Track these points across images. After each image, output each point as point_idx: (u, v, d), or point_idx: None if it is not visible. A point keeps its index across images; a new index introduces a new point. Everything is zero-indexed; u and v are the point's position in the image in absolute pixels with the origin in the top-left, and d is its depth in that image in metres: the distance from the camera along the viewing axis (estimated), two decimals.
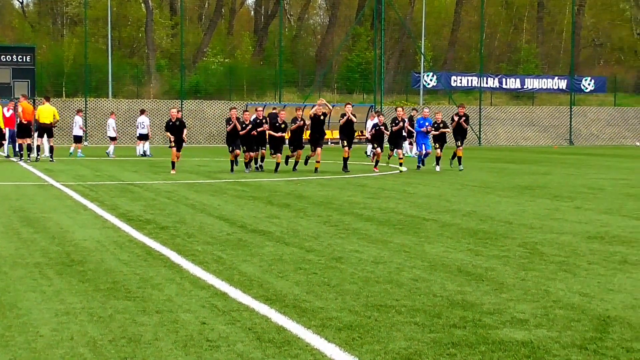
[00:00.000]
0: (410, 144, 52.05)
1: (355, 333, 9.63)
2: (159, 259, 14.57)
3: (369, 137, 43.10)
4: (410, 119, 45.10)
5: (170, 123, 36.43)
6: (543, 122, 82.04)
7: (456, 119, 40.65)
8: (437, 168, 38.82)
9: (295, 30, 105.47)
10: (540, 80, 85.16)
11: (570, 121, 79.40)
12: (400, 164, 38.89)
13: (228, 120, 36.88)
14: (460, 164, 39.89)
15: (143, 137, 55.31)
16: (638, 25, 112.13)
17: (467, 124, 41.14)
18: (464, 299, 11.42)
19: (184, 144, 36.91)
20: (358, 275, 13.11)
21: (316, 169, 36.76)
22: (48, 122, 45.87)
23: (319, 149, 37.08)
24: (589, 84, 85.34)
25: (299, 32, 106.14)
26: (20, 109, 45.09)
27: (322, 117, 37.03)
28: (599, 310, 10.84)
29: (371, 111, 60.50)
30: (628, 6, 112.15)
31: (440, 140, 39.80)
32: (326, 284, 12.41)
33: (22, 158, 45.55)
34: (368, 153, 55.03)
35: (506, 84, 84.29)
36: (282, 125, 37.72)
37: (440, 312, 10.67)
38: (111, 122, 54.82)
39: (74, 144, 52.68)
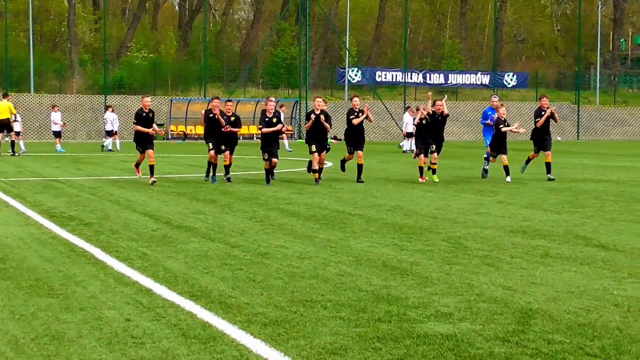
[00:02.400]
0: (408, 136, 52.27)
1: (280, 328, 9.65)
2: (82, 256, 14.49)
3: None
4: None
5: (143, 115, 28.51)
6: (467, 117, 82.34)
7: (546, 113, 30.41)
8: (508, 179, 29.06)
9: (220, 25, 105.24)
10: (464, 75, 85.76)
11: None
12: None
13: (208, 113, 29.28)
14: (549, 171, 30.32)
15: (109, 133, 55.73)
16: (558, 22, 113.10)
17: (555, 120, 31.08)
18: (389, 293, 11.48)
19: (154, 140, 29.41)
20: (284, 271, 13.13)
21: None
22: (5, 117, 46.01)
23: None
24: (511, 80, 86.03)
25: (223, 27, 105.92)
26: None
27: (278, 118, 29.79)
28: (521, 303, 10.95)
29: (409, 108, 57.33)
30: (549, 3, 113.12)
31: (500, 145, 29.75)
32: (252, 280, 12.42)
33: None
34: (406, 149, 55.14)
35: (430, 79, 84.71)
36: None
37: (365, 306, 10.72)
38: (55, 116, 54.73)
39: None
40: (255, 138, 70.84)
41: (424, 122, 29.24)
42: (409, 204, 22.48)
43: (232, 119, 29.25)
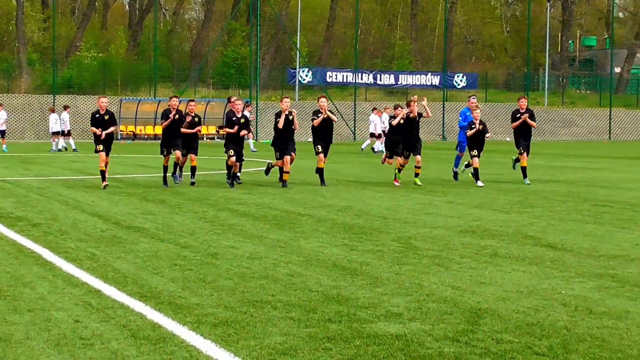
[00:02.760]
0: (379, 137, 51.85)
1: (231, 329, 9.65)
2: (30, 257, 14.41)
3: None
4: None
5: (98, 116, 26.03)
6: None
7: (520, 116, 28.88)
8: (479, 183, 27.69)
9: (171, 25, 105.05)
10: (414, 76, 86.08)
11: (443, 117, 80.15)
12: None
13: (166, 113, 26.87)
14: (525, 176, 28.62)
15: (62, 133, 55.69)
16: (508, 23, 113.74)
17: (533, 120, 29.09)
18: (339, 294, 11.51)
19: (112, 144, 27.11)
20: (234, 271, 13.13)
21: (284, 181, 27.17)
22: None
23: (287, 157, 27.02)
24: (461, 80, 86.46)
25: (174, 26, 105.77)
26: None
27: (289, 117, 27.38)
28: (471, 303, 11.01)
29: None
30: (498, 4, 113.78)
31: (477, 144, 28.03)
32: (202, 280, 12.40)
33: None
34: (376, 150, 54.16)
35: (381, 80, 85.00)
36: (242, 120, 27.02)
37: (315, 306, 10.74)
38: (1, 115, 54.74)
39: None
40: (205, 138, 70.73)
41: (401, 121, 27.86)
42: (359, 204, 22.53)
43: (196, 119, 27.89)
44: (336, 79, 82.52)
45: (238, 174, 27.85)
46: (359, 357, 8.59)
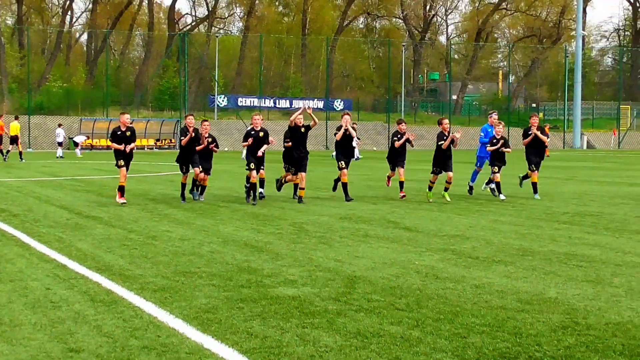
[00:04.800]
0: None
1: (167, 293, 9.58)
2: (11, 240, 14.18)
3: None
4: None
5: (119, 132, 20.84)
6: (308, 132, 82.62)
7: (530, 133, 22.86)
8: (502, 196, 22.22)
9: (119, 62, 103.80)
10: (304, 101, 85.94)
11: (326, 131, 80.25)
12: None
13: (184, 131, 21.50)
14: (536, 191, 22.87)
15: (60, 144, 55.30)
16: (373, 62, 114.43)
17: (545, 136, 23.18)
18: (249, 266, 11.47)
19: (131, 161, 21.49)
20: (169, 250, 13.03)
21: (300, 197, 21.41)
22: (15, 134, 48.08)
23: (302, 174, 21.52)
24: (339, 104, 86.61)
25: (121, 63, 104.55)
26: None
27: (302, 130, 21.71)
28: (348, 271, 11.04)
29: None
30: (366, 47, 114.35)
31: (499, 159, 22.56)
32: (144, 257, 12.29)
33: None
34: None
35: (279, 104, 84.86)
36: (261, 134, 21.45)
37: (231, 276, 10.69)
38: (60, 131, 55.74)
39: None
40: (146, 148, 70.06)
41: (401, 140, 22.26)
42: (265, 197, 22.46)
43: (209, 139, 21.84)
44: (245, 103, 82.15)
45: (261, 190, 22.01)
46: (264, 314, 8.57)
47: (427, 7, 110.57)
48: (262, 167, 21.75)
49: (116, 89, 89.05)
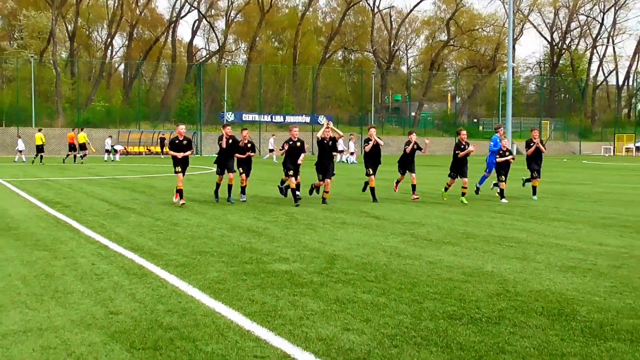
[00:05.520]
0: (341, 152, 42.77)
1: (186, 268, 9.56)
2: (64, 226, 14.12)
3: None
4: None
5: (177, 141, 19.28)
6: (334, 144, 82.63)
7: (532, 144, 21.25)
8: (503, 200, 20.16)
9: (148, 86, 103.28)
10: (295, 116, 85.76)
11: (312, 141, 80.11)
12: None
13: (221, 138, 19.83)
14: (535, 193, 21.11)
15: (108, 151, 55.23)
16: (349, 86, 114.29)
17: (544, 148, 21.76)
18: (251, 247, 11.46)
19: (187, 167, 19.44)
20: (188, 234, 13.00)
21: (324, 199, 19.43)
22: (83, 142, 47.67)
23: (327, 180, 19.76)
24: (323, 119, 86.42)
25: (150, 87, 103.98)
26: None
27: (329, 143, 19.79)
28: (329, 251, 11.04)
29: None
30: (344, 75, 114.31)
31: (505, 169, 20.84)
32: (168, 239, 12.26)
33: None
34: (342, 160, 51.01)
35: (275, 119, 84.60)
36: (299, 144, 19.71)
37: (237, 254, 10.68)
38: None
39: None
40: (162, 156, 69.77)
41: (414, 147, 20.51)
42: (262, 193, 22.41)
43: (249, 145, 20.06)
44: (248, 118, 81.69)
45: (297, 192, 19.31)
46: (263, 284, 8.56)
47: (392, 43, 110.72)
48: (298, 174, 19.49)
49: (146, 108, 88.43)
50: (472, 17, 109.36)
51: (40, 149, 46.81)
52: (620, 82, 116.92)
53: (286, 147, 19.48)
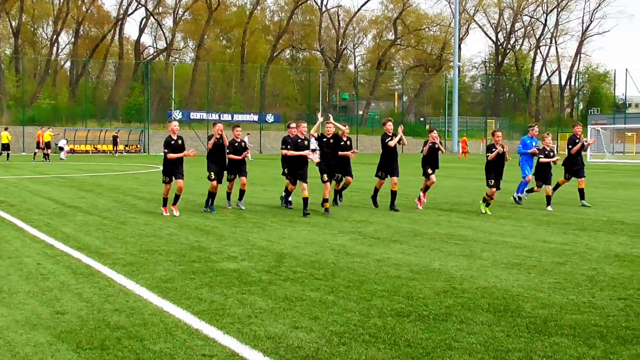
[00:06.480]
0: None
1: (134, 267, 9.47)
2: (9, 225, 13.87)
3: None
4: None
5: (172, 142, 15.80)
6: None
7: (580, 141, 18.94)
8: (549, 208, 17.68)
9: (95, 84, 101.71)
10: (243, 115, 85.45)
11: (261, 139, 79.92)
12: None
13: (210, 138, 17.02)
14: (582, 197, 18.78)
15: (61, 149, 53.95)
16: (297, 84, 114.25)
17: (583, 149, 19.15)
18: (200, 245, 11.39)
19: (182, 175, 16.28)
20: (135, 232, 12.87)
21: (327, 209, 16.39)
22: (48, 140, 49.38)
23: (348, 178, 18.06)
24: (270, 118, 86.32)
25: (97, 85, 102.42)
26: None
27: (331, 140, 17.60)
28: (277, 249, 11.04)
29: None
30: (292, 74, 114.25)
31: (546, 170, 18.26)
32: (116, 238, 12.13)
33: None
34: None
35: (223, 117, 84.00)
36: (306, 142, 16.65)
37: (185, 253, 10.61)
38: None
39: None
40: (117, 153, 68.97)
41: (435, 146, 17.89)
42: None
43: (243, 144, 17.28)
44: (196, 116, 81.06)
45: (290, 198, 17.68)
46: (211, 283, 8.52)
47: (339, 42, 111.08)
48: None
49: (93, 106, 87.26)
50: (419, 17, 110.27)
51: (5, 147, 47.34)
52: (563, 82, 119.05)
53: (287, 151, 16.61)
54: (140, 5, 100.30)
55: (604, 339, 6.33)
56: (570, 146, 19.05)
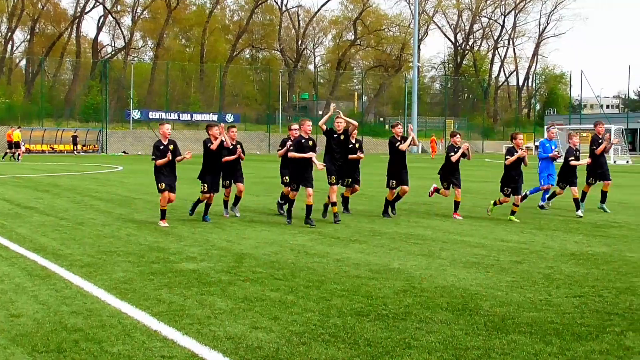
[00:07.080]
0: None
1: (91, 269, 9.38)
2: None
3: None
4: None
5: (162, 147, 14.10)
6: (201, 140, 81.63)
7: (605, 141, 17.65)
8: (580, 212, 16.41)
9: (52, 83, 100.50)
10: (202, 115, 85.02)
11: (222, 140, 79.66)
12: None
13: (206, 142, 15.23)
14: (603, 201, 17.57)
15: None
16: (257, 84, 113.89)
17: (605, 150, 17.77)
18: (159, 246, 11.32)
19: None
20: (93, 233, 12.75)
21: (335, 213, 14.84)
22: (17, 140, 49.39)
23: (356, 186, 16.30)
24: (230, 117, 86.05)
25: (54, 83, 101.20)
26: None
27: (342, 137, 15.42)
28: (237, 250, 11.01)
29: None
30: (252, 74, 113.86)
31: (570, 174, 16.83)
32: (73, 239, 11.99)
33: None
34: None
35: (182, 117, 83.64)
36: (310, 143, 14.38)
37: (144, 254, 10.54)
38: None
39: None
40: (75, 152, 68.07)
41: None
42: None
43: (238, 146, 15.67)
44: (155, 116, 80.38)
45: (283, 204, 16.03)
46: (170, 284, 8.47)
47: (299, 42, 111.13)
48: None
49: (49, 105, 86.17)
50: (378, 17, 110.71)
51: (16, 145, 48.75)
52: (521, 83, 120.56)
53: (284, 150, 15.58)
54: (98, 3, 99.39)
55: (560, 336, 6.42)
56: (594, 147, 17.54)
